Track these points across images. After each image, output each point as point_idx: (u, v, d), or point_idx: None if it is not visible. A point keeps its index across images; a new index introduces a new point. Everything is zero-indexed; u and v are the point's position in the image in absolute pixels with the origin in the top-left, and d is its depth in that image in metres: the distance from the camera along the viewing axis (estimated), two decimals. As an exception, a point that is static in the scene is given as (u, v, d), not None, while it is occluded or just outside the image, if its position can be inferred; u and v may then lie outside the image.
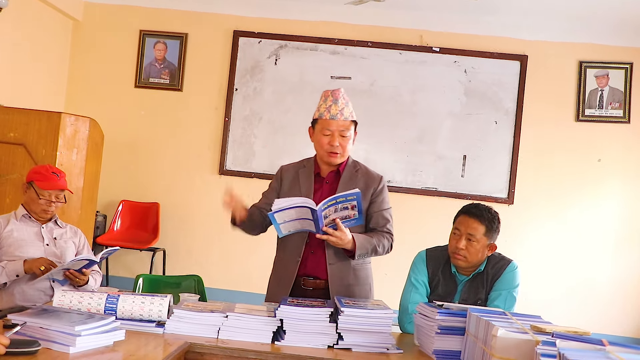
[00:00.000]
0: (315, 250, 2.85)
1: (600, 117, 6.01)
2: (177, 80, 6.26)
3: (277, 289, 2.90)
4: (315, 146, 2.90)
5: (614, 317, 5.92)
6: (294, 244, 2.87)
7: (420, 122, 6.11)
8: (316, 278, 2.85)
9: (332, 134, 2.81)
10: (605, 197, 6.03)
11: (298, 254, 2.85)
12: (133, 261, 6.18)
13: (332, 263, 2.83)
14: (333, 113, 2.80)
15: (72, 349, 1.97)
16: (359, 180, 2.88)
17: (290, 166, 3.02)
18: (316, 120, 2.86)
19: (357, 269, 2.89)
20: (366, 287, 2.92)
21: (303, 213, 2.60)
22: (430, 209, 5.98)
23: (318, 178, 2.93)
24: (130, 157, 6.26)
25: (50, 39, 6.03)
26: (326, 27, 6.17)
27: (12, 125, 4.36)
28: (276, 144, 6.17)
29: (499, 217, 2.77)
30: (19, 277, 2.93)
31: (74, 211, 4.51)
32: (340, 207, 2.63)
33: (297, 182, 2.92)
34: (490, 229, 2.70)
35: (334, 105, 2.81)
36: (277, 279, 2.95)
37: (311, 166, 2.95)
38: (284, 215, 2.61)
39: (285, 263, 2.91)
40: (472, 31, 6.07)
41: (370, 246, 2.79)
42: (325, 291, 2.83)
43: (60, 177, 3.18)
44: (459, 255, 2.71)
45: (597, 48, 6.02)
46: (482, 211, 2.73)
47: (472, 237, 2.69)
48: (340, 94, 2.84)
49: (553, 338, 1.77)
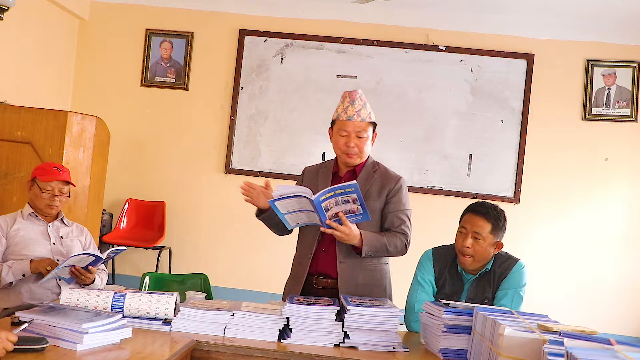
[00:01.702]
0: (327, 249, 2.84)
1: (607, 116, 5.99)
2: (183, 79, 6.26)
3: (292, 286, 2.91)
4: (334, 146, 2.91)
5: (622, 317, 5.90)
6: (307, 242, 2.89)
7: (426, 121, 6.10)
8: (328, 277, 2.84)
9: (349, 135, 2.82)
10: (612, 196, 6.01)
11: (310, 251, 2.85)
12: (139, 259, 6.19)
13: (342, 261, 2.81)
14: (350, 114, 2.80)
15: (80, 346, 1.98)
16: (375, 181, 2.88)
17: (312, 167, 3.07)
18: (334, 121, 2.88)
19: (370, 269, 2.85)
20: (380, 289, 2.87)
21: (304, 204, 2.59)
22: (436, 207, 5.97)
23: (335, 177, 2.95)
24: (137, 156, 6.27)
25: (57, 38, 6.04)
26: (332, 26, 6.17)
27: (19, 123, 4.37)
28: (282, 143, 6.17)
29: (505, 215, 2.77)
30: (25, 277, 2.95)
31: (81, 210, 4.51)
32: (341, 200, 2.61)
33: (316, 181, 2.93)
34: (496, 227, 2.70)
35: (351, 106, 2.81)
36: (292, 277, 2.97)
37: (331, 166, 2.98)
38: (286, 205, 2.60)
39: (299, 260, 2.93)
40: (478, 30, 6.06)
41: (379, 245, 2.75)
42: (335, 290, 2.80)
43: (62, 171, 3.20)
44: (465, 253, 2.70)
45: (604, 46, 6.00)
46: (488, 209, 2.73)
47: (478, 235, 2.68)
48: (357, 95, 2.84)
49: (560, 337, 1.77)
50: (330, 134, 2.94)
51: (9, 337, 1.79)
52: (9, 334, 1.80)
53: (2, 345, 1.77)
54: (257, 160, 6.19)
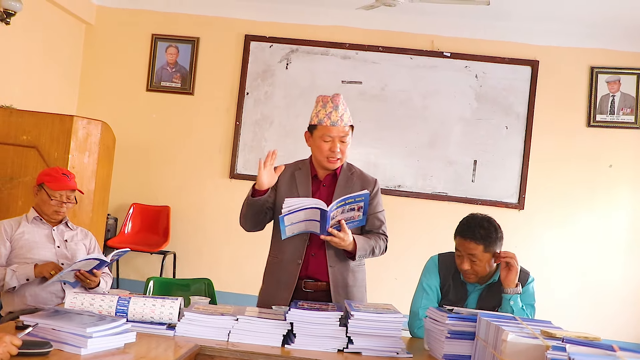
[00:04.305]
0: (316, 253, 2.87)
1: (611, 123, 5.98)
2: (188, 84, 6.29)
3: (276, 291, 2.89)
4: (314, 151, 2.90)
5: (625, 323, 5.88)
6: (293, 247, 2.87)
7: (431, 127, 6.11)
8: (317, 280, 2.87)
9: (333, 140, 2.82)
10: (616, 202, 6.00)
11: (299, 256, 2.86)
12: (143, 264, 6.20)
13: (332, 265, 2.86)
14: (334, 120, 2.80)
15: (84, 350, 1.98)
16: (355, 183, 2.91)
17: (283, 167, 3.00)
18: (315, 126, 2.85)
19: (356, 271, 2.93)
20: (362, 289, 2.98)
21: (312, 214, 2.61)
22: (440, 213, 5.96)
23: (315, 180, 2.94)
24: (142, 161, 6.29)
25: (63, 43, 6.07)
26: (337, 32, 6.18)
27: (24, 128, 4.39)
28: (287, 148, 6.16)
29: (497, 226, 2.69)
30: (29, 281, 2.96)
31: (86, 214, 4.53)
32: (347, 209, 2.66)
33: (294, 184, 2.92)
34: (488, 245, 2.64)
35: (334, 111, 2.81)
36: (274, 282, 2.94)
37: (307, 168, 2.96)
38: (292, 217, 2.61)
39: (284, 265, 2.91)
40: (483, 36, 6.07)
41: (369, 247, 2.84)
42: (326, 293, 2.85)
43: (70, 178, 3.21)
44: (467, 275, 2.71)
45: (609, 53, 6.00)
46: (475, 230, 2.64)
47: (473, 257, 2.65)
48: (340, 99, 2.84)
49: (563, 343, 1.76)
50: (307, 137, 2.91)
51: (13, 341, 1.80)
52: (13, 338, 1.80)
53: (7, 349, 1.78)
54: (262, 165, 6.18)
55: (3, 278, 2.92)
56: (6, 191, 4.30)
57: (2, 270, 2.95)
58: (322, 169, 2.93)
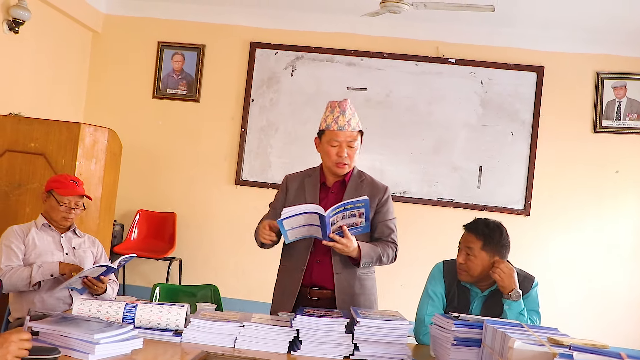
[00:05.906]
0: (321, 260, 2.86)
1: (617, 129, 5.97)
2: (194, 91, 6.31)
3: (282, 298, 2.91)
4: (323, 157, 2.92)
5: (631, 330, 5.85)
6: (298, 253, 2.88)
7: (436, 133, 6.11)
8: (322, 288, 2.86)
9: (340, 145, 2.83)
10: (623, 208, 5.98)
11: (302, 263, 2.86)
12: (149, 270, 6.22)
13: (339, 272, 2.84)
14: (341, 124, 2.81)
15: (91, 356, 2.00)
16: (364, 190, 2.89)
17: (295, 175, 3.04)
18: (323, 131, 2.87)
19: (363, 279, 2.91)
20: (371, 297, 2.95)
21: (311, 219, 2.61)
22: (445, 220, 5.95)
23: (324, 187, 2.95)
24: (148, 167, 6.31)
25: (70, 51, 6.11)
26: (342, 39, 6.20)
27: (32, 135, 4.41)
28: (292, 155, 6.18)
29: (504, 231, 2.71)
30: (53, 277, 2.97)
31: (92, 221, 4.54)
32: (347, 214, 2.65)
33: (303, 192, 2.93)
34: (487, 243, 2.66)
35: (342, 116, 2.82)
36: (281, 289, 2.97)
37: (317, 176, 2.97)
38: (292, 221, 2.62)
39: (289, 272, 2.92)
40: (488, 42, 6.07)
41: (375, 255, 2.81)
42: (331, 301, 2.84)
43: (79, 184, 3.24)
44: (459, 268, 2.72)
45: (615, 59, 5.99)
46: (479, 225, 2.70)
47: (470, 251, 2.67)
48: (347, 104, 2.85)
49: (570, 350, 1.76)
50: (317, 143, 2.94)
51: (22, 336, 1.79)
52: (20, 334, 1.79)
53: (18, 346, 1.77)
54: (268, 172, 6.21)
55: (30, 275, 2.94)
56: (14, 198, 4.32)
57: (27, 269, 2.97)
58: (331, 176, 2.94)
